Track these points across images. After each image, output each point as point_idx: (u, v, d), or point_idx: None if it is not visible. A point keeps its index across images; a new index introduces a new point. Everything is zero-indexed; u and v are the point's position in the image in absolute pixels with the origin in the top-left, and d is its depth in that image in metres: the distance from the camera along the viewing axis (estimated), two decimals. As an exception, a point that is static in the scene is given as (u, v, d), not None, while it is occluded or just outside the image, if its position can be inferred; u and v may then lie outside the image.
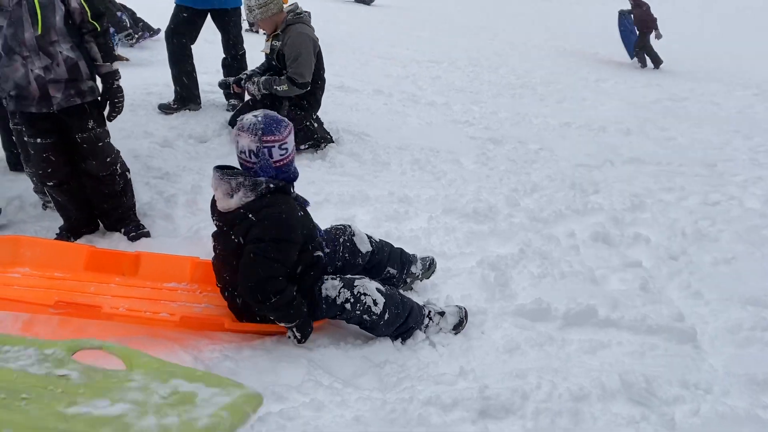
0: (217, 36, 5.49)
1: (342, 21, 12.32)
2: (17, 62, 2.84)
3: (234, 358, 2.30)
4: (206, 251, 2.72)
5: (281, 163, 2.43)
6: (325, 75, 4.90)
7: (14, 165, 3.89)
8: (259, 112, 2.44)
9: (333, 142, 4.96)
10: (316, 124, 4.87)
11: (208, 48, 6.13)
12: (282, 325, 2.45)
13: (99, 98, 3.10)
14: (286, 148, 2.43)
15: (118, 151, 3.29)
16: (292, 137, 2.46)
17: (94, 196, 3.27)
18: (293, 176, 2.52)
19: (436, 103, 6.98)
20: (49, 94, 2.90)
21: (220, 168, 2.45)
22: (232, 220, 2.41)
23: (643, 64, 11.75)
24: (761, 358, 2.74)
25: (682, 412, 2.29)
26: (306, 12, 4.77)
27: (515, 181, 4.71)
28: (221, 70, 5.64)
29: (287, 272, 2.41)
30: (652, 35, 11.49)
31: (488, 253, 3.36)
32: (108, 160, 3.18)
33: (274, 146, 2.40)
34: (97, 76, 3.10)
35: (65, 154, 3.13)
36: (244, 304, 2.47)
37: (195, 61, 5.34)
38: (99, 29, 2.99)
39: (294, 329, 2.45)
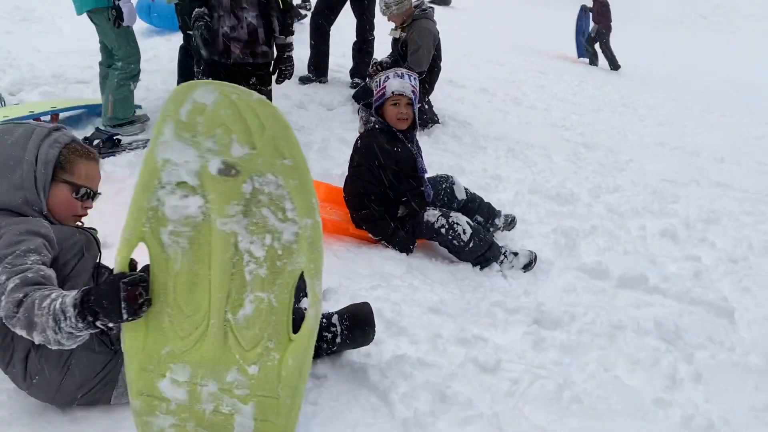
0: (347, 21, 6.26)
1: (456, 29, 12.95)
2: (215, 18, 3.60)
3: (354, 251, 3.04)
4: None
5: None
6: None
7: None
8: None
9: (439, 123, 5.62)
10: (426, 106, 5.55)
11: (338, 33, 6.95)
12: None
13: (270, 62, 3.74)
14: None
15: None
16: (386, 84, 3.12)
17: None
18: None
19: (536, 107, 7.50)
20: (230, 49, 3.62)
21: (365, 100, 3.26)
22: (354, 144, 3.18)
23: (593, 62, 12.02)
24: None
25: (703, 354, 2.75)
26: (431, 7, 5.47)
27: (600, 180, 5.16)
28: (350, 53, 6.43)
29: (381, 193, 3.09)
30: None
31: (563, 225, 3.91)
32: None
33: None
34: (272, 44, 3.75)
35: None
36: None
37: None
38: (283, 6, 3.67)
39: (384, 242, 3.14)
